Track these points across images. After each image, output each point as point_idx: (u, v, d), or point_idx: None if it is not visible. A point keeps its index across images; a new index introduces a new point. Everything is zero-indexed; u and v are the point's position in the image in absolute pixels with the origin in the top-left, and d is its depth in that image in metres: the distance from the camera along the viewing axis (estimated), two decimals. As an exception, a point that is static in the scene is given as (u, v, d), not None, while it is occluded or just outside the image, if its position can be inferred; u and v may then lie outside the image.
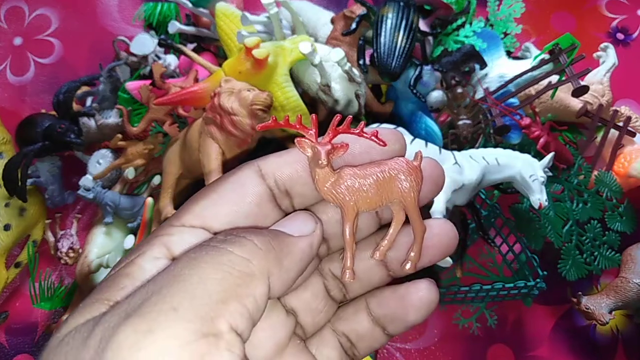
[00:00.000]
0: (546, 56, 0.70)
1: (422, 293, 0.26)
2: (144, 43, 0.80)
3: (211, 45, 0.86)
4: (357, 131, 0.24)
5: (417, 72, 0.70)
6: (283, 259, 0.21)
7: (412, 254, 0.25)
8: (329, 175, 0.24)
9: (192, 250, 0.21)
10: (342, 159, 0.25)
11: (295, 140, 0.24)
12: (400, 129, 0.63)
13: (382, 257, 0.26)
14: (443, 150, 0.61)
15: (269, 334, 0.24)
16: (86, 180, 0.74)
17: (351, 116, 0.25)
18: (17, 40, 1.04)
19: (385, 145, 0.24)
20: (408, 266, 0.26)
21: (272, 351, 0.24)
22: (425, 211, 0.58)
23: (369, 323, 0.27)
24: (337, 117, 0.24)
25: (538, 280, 0.69)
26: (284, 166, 0.24)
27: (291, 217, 0.24)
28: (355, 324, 0.27)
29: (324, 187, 0.24)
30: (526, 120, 0.69)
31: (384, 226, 0.27)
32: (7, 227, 0.78)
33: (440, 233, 0.26)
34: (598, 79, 0.83)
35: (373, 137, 0.24)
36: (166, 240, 0.22)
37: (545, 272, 0.68)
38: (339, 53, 0.63)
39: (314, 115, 0.25)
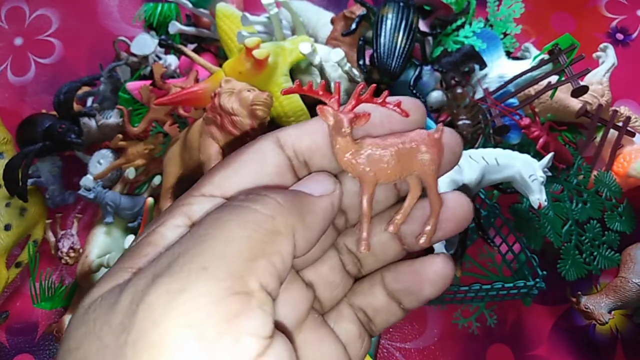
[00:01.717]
0: (546, 56, 0.70)
1: (438, 267, 0.26)
2: (145, 43, 0.80)
3: (211, 46, 0.86)
4: (380, 100, 0.24)
5: (416, 73, 0.70)
6: (305, 216, 0.21)
7: (428, 227, 0.25)
8: (350, 145, 0.23)
9: (214, 211, 0.21)
10: (361, 129, 0.24)
11: (317, 108, 0.24)
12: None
13: (396, 230, 0.25)
14: (443, 150, 0.61)
15: (290, 306, 0.24)
16: (87, 180, 0.74)
17: (375, 85, 0.24)
18: (18, 41, 1.04)
19: (407, 115, 0.24)
20: (423, 240, 0.25)
21: (292, 324, 0.24)
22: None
23: (384, 297, 0.27)
24: (361, 86, 0.24)
25: (537, 280, 0.69)
26: (303, 137, 0.24)
27: (310, 177, 0.24)
28: (371, 299, 0.27)
29: (344, 157, 0.23)
30: (526, 121, 0.69)
31: (401, 199, 0.26)
32: (7, 227, 0.79)
33: (455, 207, 0.26)
34: (597, 79, 0.83)
35: (396, 108, 0.23)
36: (187, 210, 0.22)
37: (544, 272, 0.68)
38: (339, 53, 0.63)
39: (337, 82, 0.24)
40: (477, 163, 0.60)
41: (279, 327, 0.20)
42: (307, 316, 0.25)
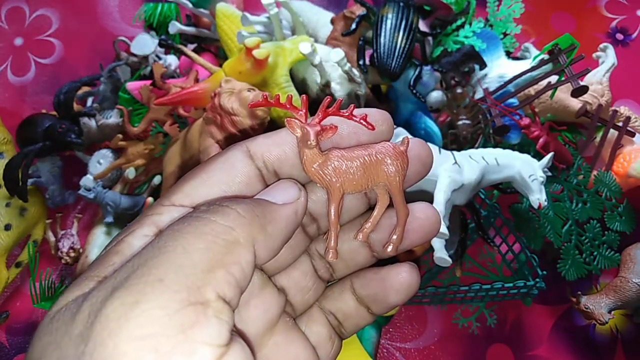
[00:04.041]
0: (545, 56, 0.70)
1: (402, 276, 0.26)
2: (145, 43, 0.80)
3: (211, 46, 0.86)
4: (347, 114, 0.25)
5: (416, 73, 0.70)
6: (267, 225, 0.22)
7: (394, 236, 0.26)
8: (317, 157, 0.24)
9: (175, 222, 0.21)
10: (330, 140, 0.25)
11: (285, 120, 0.24)
12: (400, 129, 0.63)
13: (365, 238, 0.26)
14: (443, 150, 0.61)
15: (261, 311, 0.24)
16: (87, 180, 0.74)
17: (342, 99, 0.25)
18: (18, 41, 1.04)
19: (373, 129, 0.25)
20: (390, 249, 0.26)
21: (263, 328, 0.24)
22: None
23: (354, 302, 0.28)
24: (328, 99, 0.25)
25: (537, 280, 0.69)
26: (272, 147, 0.25)
27: (275, 185, 0.24)
28: (341, 304, 0.28)
29: (312, 167, 0.24)
30: (526, 121, 0.69)
31: (371, 208, 0.27)
32: (7, 227, 0.79)
33: (422, 217, 0.26)
34: (597, 79, 0.83)
35: (362, 121, 0.24)
36: (156, 219, 0.22)
37: (544, 272, 0.69)
38: (338, 53, 0.63)
39: (304, 96, 0.25)
40: (477, 163, 0.60)
41: (240, 334, 0.21)
42: (279, 320, 0.25)
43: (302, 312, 0.28)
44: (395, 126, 0.64)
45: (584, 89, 0.65)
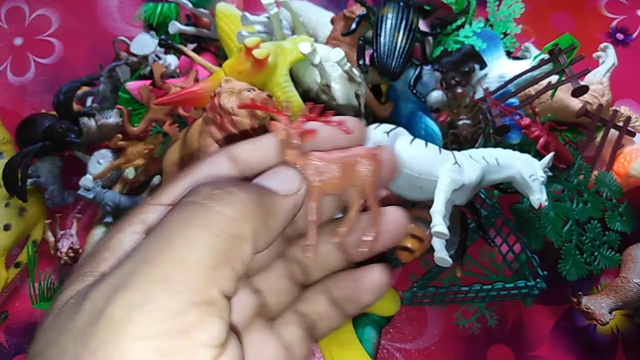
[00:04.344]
0: (546, 56, 0.70)
1: (375, 277, 0.27)
2: (144, 43, 0.80)
3: (211, 46, 0.86)
4: (326, 119, 0.26)
5: (417, 72, 0.70)
6: (268, 219, 0.22)
7: (369, 238, 0.27)
8: (299, 158, 0.25)
9: (176, 210, 0.21)
10: (309, 144, 0.26)
11: (269, 123, 0.25)
12: (400, 128, 0.63)
13: (341, 239, 0.27)
14: (443, 150, 0.61)
15: (237, 312, 0.24)
16: (86, 180, 0.74)
17: (322, 105, 0.27)
18: (18, 41, 1.04)
19: (350, 133, 0.26)
20: (363, 250, 0.27)
21: (239, 328, 0.25)
22: (425, 210, 0.59)
23: (327, 304, 0.28)
24: (309, 105, 0.26)
25: (538, 280, 0.69)
26: (256, 151, 0.25)
27: (277, 172, 0.24)
28: (315, 305, 0.28)
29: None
30: (526, 120, 0.69)
31: (344, 212, 0.28)
32: (7, 227, 0.79)
33: (392, 220, 0.27)
34: (598, 79, 0.83)
35: (340, 126, 0.26)
36: (144, 218, 0.23)
37: (545, 272, 0.68)
38: (339, 53, 0.63)
39: (287, 101, 0.26)
40: (478, 163, 0.60)
41: (231, 327, 0.21)
42: (254, 320, 0.25)
43: (277, 314, 0.28)
44: (395, 126, 0.64)
45: (584, 89, 0.65)
